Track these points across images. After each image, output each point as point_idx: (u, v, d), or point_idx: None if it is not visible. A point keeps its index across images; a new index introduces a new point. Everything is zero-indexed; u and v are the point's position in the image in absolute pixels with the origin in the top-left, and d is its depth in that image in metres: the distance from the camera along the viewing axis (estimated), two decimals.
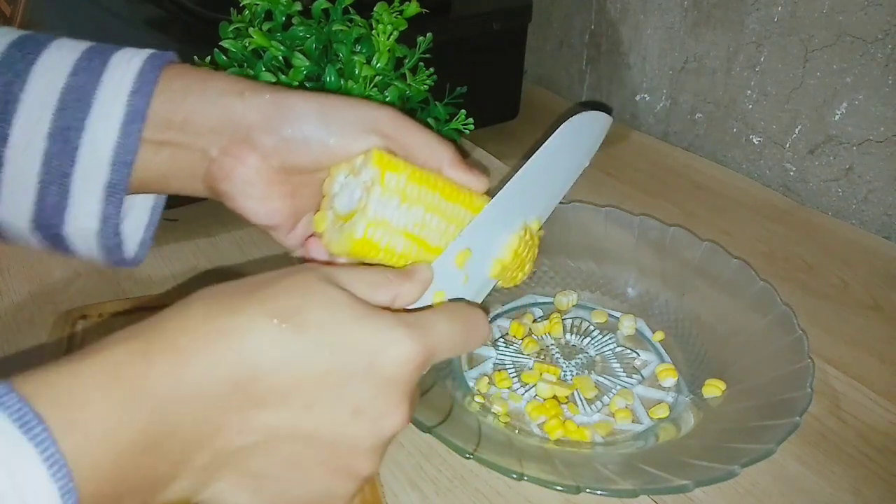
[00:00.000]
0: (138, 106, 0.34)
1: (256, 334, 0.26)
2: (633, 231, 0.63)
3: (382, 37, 0.50)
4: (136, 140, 0.34)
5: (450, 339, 0.31)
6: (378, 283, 0.31)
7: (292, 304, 0.27)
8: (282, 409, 0.27)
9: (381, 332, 0.28)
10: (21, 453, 0.21)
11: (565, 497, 0.44)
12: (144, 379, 0.25)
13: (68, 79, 0.34)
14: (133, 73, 0.35)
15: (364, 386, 0.28)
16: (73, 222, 0.36)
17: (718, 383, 0.51)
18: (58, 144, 0.34)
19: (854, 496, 0.45)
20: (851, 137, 0.74)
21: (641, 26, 0.93)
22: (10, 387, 0.23)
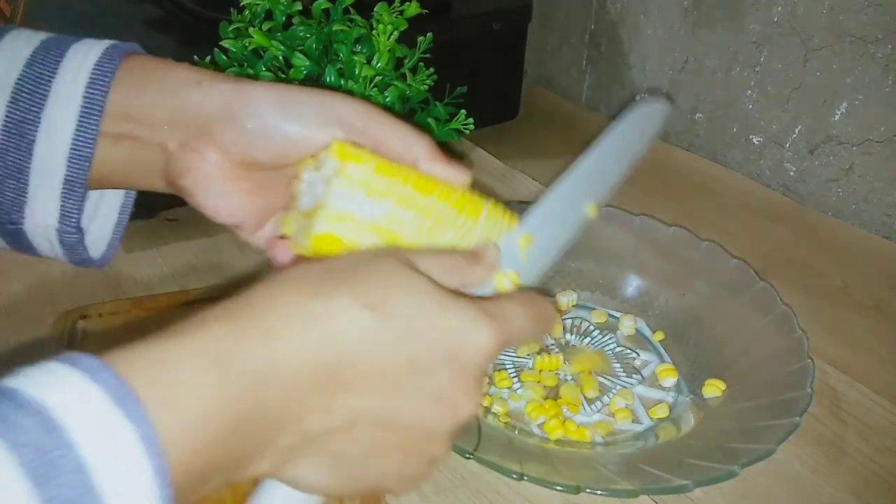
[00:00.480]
0: (95, 98, 0.33)
1: (346, 320, 0.27)
2: (633, 231, 0.62)
3: (382, 37, 0.50)
4: (94, 134, 0.33)
5: (522, 328, 0.31)
6: (451, 266, 0.32)
7: (379, 290, 0.28)
8: (367, 394, 0.27)
9: (464, 321, 0.29)
10: (117, 431, 0.21)
11: (565, 497, 0.44)
12: (239, 359, 0.25)
13: (23, 69, 0.33)
14: (90, 65, 0.33)
15: (445, 372, 0.28)
16: (32, 219, 0.35)
17: (718, 383, 0.51)
18: (13, 138, 0.33)
19: (854, 496, 0.45)
20: (851, 137, 0.74)
21: (641, 26, 0.93)
22: (106, 363, 0.22)
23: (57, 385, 0.22)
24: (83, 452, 0.20)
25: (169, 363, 0.24)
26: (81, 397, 0.21)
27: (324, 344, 0.26)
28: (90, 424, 0.21)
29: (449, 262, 0.32)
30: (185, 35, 0.71)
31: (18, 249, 0.37)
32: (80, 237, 0.36)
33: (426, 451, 0.30)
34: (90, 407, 0.21)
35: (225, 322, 0.26)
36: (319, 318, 0.27)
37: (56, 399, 0.21)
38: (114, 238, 0.39)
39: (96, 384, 0.22)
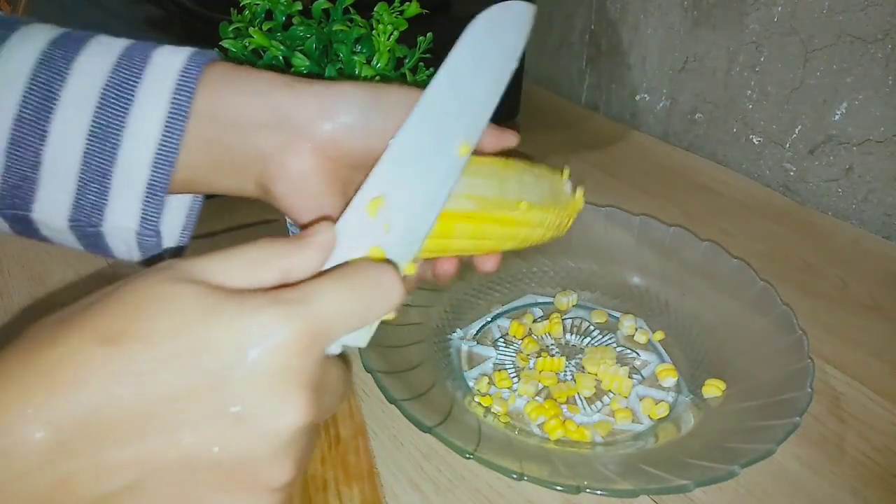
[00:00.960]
0: (181, 104, 0.33)
1: (82, 365, 0.22)
2: (633, 231, 0.63)
3: (383, 37, 0.50)
4: (179, 139, 0.33)
5: (343, 304, 0.26)
6: (257, 260, 0.26)
7: (125, 319, 0.23)
8: (141, 440, 0.23)
9: (241, 320, 0.24)
10: None
11: (565, 497, 0.44)
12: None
13: (109, 76, 0.33)
14: (175, 71, 0.34)
15: (235, 388, 0.23)
16: (112, 221, 0.35)
17: (718, 383, 0.51)
18: (98, 143, 0.33)
19: (854, 496, 0.45)
20: (851, 137, 0.74)
21: (641, 26, 0.93)
22: None
23: None
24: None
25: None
26: None
27: (60, 401, 0.22)
28: None
29: (253, 255, 0.26)
30: (185, 35, 0.71)
31: (93, 251, 0.37)
32: (159, 240, 0.36)
33: (255, 481, 0.24)
34: None
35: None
36: (47, 372, 0.22)
37: None
38: (183, 238, 0.38)
39: None
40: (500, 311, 0.60)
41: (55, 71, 0.33)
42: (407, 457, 0.46)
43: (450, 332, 0.57)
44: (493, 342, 0.57)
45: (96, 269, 0.62)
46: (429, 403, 0.46)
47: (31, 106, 0.33)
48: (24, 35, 0.34)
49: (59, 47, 0.34)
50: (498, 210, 0.37)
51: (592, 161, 0.85)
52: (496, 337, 0.58)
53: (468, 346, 0.56)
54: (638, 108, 0.97)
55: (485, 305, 0.60)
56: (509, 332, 0.58)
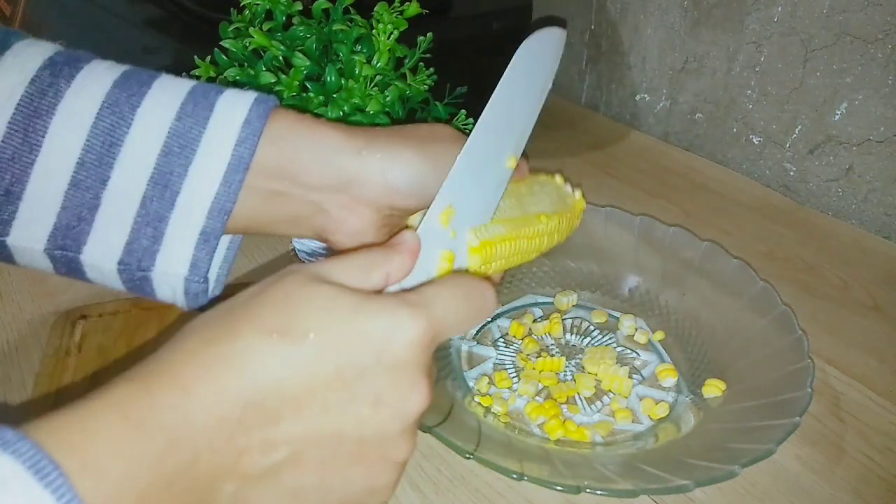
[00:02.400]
0: (243, 156, 0.34)
1: (255, 354, 0.26)
2: (633, 231, 0.63)
3: (383, 37, 0.50)
4: (237, 189, 0.34)
5: (455, 312, 0.30)
6: (367, 265, 0.31)
7: (285, 313, 0.27)
8: (300, 418, 0.27)
9: (382, 317, 0.28)
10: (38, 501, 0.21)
11: (565, 497, 0.44)
12: (151, 413, 0.24)
13: (173, 123, 0.34)
14: (239, 122, 0.34)
15: (377, 375, 0.27)
16: (163, 266, 0.35)
17: (718, 383, 0.51)
18: (158, 189, 0.34)
19: (854, 496, 0.45)
20: (851, 137, 0.74)
21: (641, 26, 0.93)
22: (21, 434, 0.22)
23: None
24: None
25: (84, 428, 0.23)
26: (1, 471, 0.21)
27: (238, 383, 0.26)
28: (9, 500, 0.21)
29: (362, 261, 0.31)
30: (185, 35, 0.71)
31: (137, 292, 0.37)
32: (206, 286, 0.37)
33: (386, 456, 0.29)
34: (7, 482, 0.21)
35: (133, 382, 0.25)
36: (226, 358, 0.26)
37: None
38: (220, 275, 0.39)
39: (12, 457, 0.21)
40: (500, 311, 0.60)
41: (119, 116, 0.34)
42: None
43: None
44: (493, 342, 0.57)
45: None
46: None
47: (94, 151, 0.34)
48: (89, 75, 0.35)
49: (124, 90, 0.34)
50: (525, 227, 0.40)
51: (592, 161, 0.85)
52: (496, 337, 0.58)
53: (468, 346, 0.56)
54: (638, 108, 0.97)
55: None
56: (509, 332, 0.58)
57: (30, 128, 0.33)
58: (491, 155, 0.38)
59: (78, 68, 0.35)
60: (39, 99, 0.34)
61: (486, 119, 0.37)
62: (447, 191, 0.35)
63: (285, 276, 0.29)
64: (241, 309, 0.27)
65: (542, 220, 0.40)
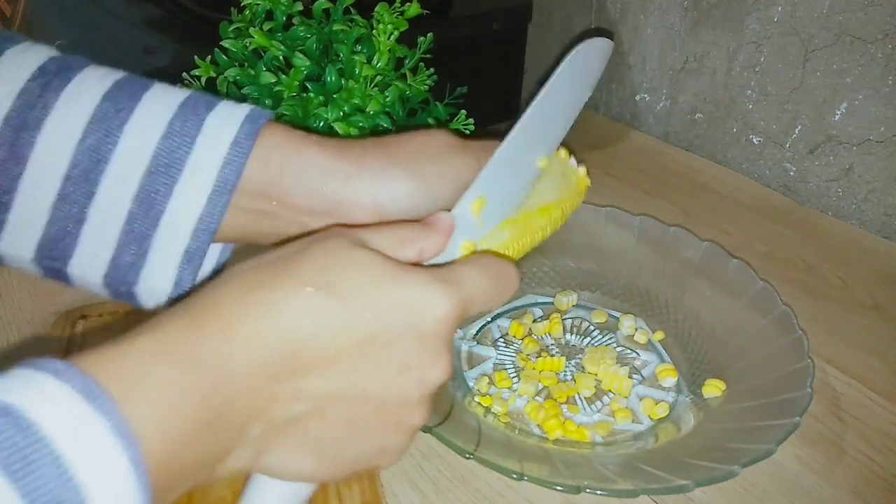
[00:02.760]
0: (229, 178, 0.34)
1: (295, 305, 0.27)
2: (633, 231, 0.63)
3: (383, 37, 0.50)
4: (222, 211, 0.34)
5: (483, 291, 0.32)
6: (404, 238, 0.32)
7: (327, 271, 0.28)
8: (330, 373, 0.28)
9: (418, 290, 0.29)
10: (89, 423, 0.22)
11: (565, 497, 0.44)
12: (197, 353, 0.25)
13: (160, 142, 0.34)
14: (227, 142, 0.34)
15: (406, 343, 0.29)
16: (147, 282, 0.36)
17: (718, 383, 0.51)
18: (143, 207, 0.34)
19: (854, 496, 0.45)
20: (851, 137, 0.74)
21: (641, 26, 0.93)
22: (70, 363, 0.23)
23: (25, 386, 0.22)
24: (57, 446, 0.21)
25: (131, 359, 0.24)
26: (50, 396, 0.22)
27: (276, 332, 0.27)
28: (61, 420, 0.21)
29: (401, 234, 0.32)
30: (185, 35, 0.71)
31: (123, 302, 0.37)
32: None
33: (402, 420, 0.30)
34: (60, 404, 0.22)
35: (180, 319, 0.26)
36: (268, 306, 0.27)
37: (25, 399, 0.22)
38: None
39: (63, 382, 0.22)
40: (499, 311, 0.60)
41: (106, 132, 0.34)
42: (407, 457, 0.46)
43: None
44: (493, 342, 0.57)
45: None
46: None
47: (80, 166, 0.34)
48: (79, 85, 0.34)
49: (113, 103, 0.34)
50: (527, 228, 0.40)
51: (592, 161, 0.85)
52: (496, 337, 0.58)
53: (468, 346, 0.56)
54: (638, 108, 0.97)
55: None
56: (509, 332, 0.58)
57: (17, 141, 0.33)
58: (526, 154, 0.39)
59: (68, 78, 0.34)
60: (28, 112, 0.33)
61: (528, 118, 0.37)
62: (482, 181, 0.36)
63: (329, 237, 0.30)
64: (285, 261, 0.28)
65: (545, 214, 0.41)
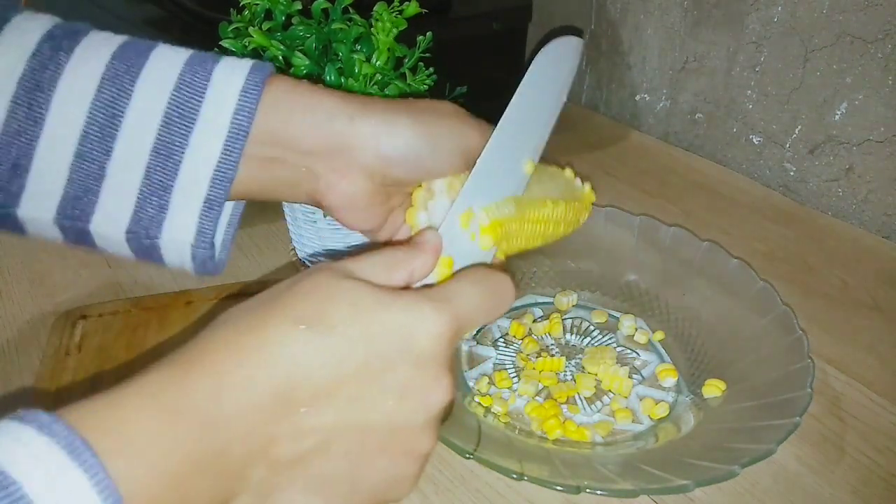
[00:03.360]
0: (241, 124, 0.35)
1: (286, 343, 0.27)
2: (633, 231, 0.62)
3: (382, 36, 0.50)
4: (238, 157, 0.35)
5: (477, 305, 0.31)
6: (391, 263, 0.32)
7: (314, 305, 0.28)
8: (329, 408, 0.27)
9: (407, 313, 0.29)
10: (71, 480, 0.21)
11: (565, 497, 0.44)
12: (185, 400, 0.25)
13: (172, 94, 0.35)
14: (236, 90, 0.35)
15: (403, 367, 0.28)
16: (169, 234, 0.36)
17: (718, 383, 0.51)
18: (160, 159, 0.35)
19: (854, 496, 0.45)
20: (851, 137, 0.74)
21: (641, 26, 0.93)
22: (55, 416, 0.23)
23: (9, 442, 0.22)
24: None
25: (118, 412, 0.24)
26: (33, 451, 0.22)
27: (267, 372, 0.26)
28: (43, 477, 0.21)
29: (388, 259, 0.32)
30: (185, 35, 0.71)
31: (147, 259, 0.38)
32: (212, 252, 0.38)
33: (410, 447, 0.29)
34: (42, 461, 0.21)
35: (167, 368, 0.26)
36: (257, 348, 0.27)
37: (8, 455, 0.21)
38: (226, 239, 0.40)
39: (48, 437, 0.22)
40: None
41: (120, 88, 0.35)
42: None
43: None
44: (493, 342, 0.57)
45: (97, 270, 0.62)
46: None
47: (97, 123, 0.34)
48: (88, 47, 0.35)
49: (123, 61, 0.35)
50: (533, 209, 0.40)
51: (592, 161, 0.85)
52: (496, 337, 0.58)
53: (468, 346, 0.56)
54: (638, 108, 0.97)
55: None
56: (509, 332, 0.58)
57: (33, 102, 0.34)
58: (509, 159, 0.39)
59: (77, 41, 0.35)
60: (41, 73, 0.34)
61: (505, 123, 0.38)
62: (467, 193, 0.36)
63: (314, 271, 0.30)
64: (272, 301, 0.28)
65: (549, 204, 0.41)
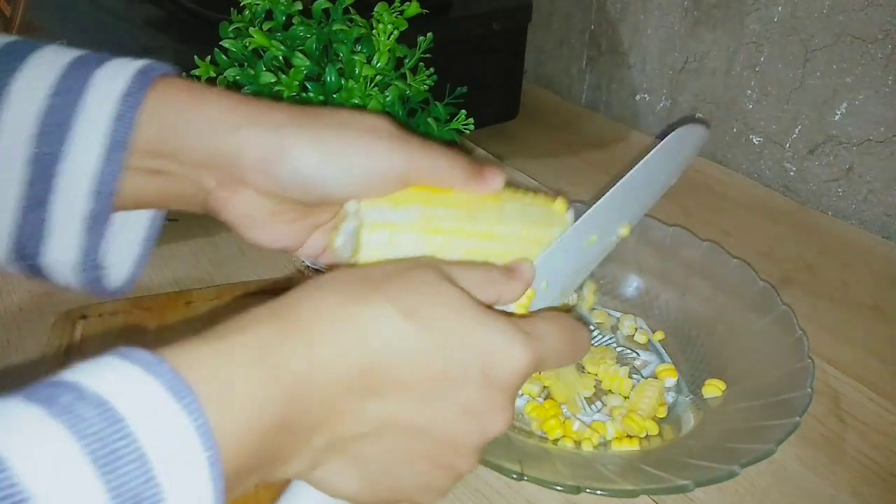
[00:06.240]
0: (121, 134, 0.32)
1: (384, 327, 0.27)
2: (633, 231, 0.62)
3: (383, 36, 0.50)
4: (118, 169, 0.32)
5: (557, 351, 0.32)
6: (486, 280, 0.32)
7: (417, 299, 0.28)
8: (399, 401, 0.28)
9: (499, 337, 0.29)
10: (174, 423, 0.22)
11: (565, 497, 0.44)
12: (284, 360, 0.26)
13: (48, 100, 0.32)
14: (116, 96, 0.32)
15: (477, 387, 0.29)
16: (52, 253, 0.34)
17: (718, 383, 0.51)
18: (37, 171, 0.32)
19: (854, 496, 0.45)
20: (851, 137, 0.74)
21: (641, 26, 0.93)
22: (161, 357, 0.23)
23: (116, 379, 0.22)
24: (143, 442, 0.21)
25: (221, 361, 0.25)
26: (140, 390, 0.22)
27: (360, 349, 0.27)
28: (149, 416, 0.22)
29: (485, 276, 0.32)
30: (185, 35, 0.71)
31: (37, 279, 0.36)
32: (100, 273, 0.35)
33: (452, 463, 0.30)
34: (148, 399, 0.22)
35: (270, 324, 0.26)
36: (357, 323, 0.27)
37: (116, 392, 0.22)
38: (135, 271, 0.37)
39: (153, 377, 0.22)
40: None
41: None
42: None
43: None
44: None
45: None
46: None
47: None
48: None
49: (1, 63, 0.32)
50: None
51: (592, 161, 0.85)
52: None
53: None
54: (638, 108, 0.97)
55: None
56: None
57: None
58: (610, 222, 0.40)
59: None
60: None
61: (621, 188, 0.39)
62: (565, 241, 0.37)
63: (421, 266, 0.30)
64: (377, 282, 0.29)
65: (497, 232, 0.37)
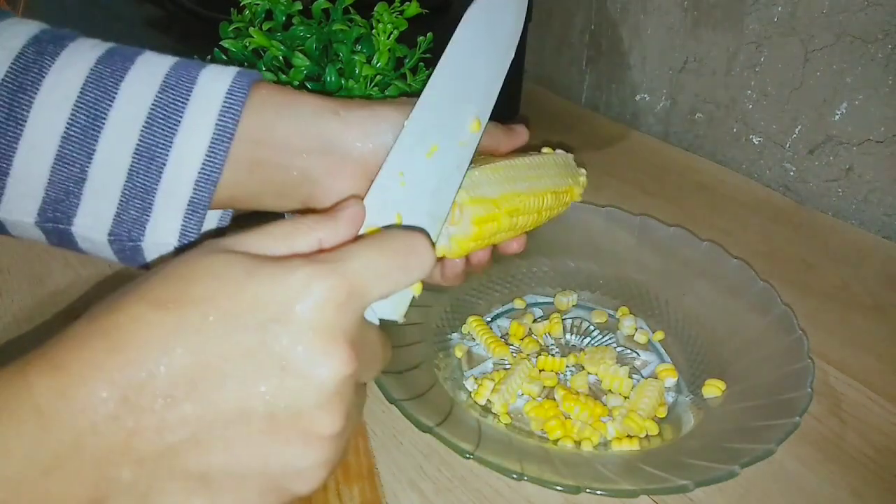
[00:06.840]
0: (226, 125, 0.34)
1: (138, 328, 0.24)
2: (633, 231, 0.63)
3: (382, 36, 0.50)
4: (223, 159, 0.35)
5: (378, 266, 0.28)
6: (290, 231, 0.29)
7: (174, 285, 0.25)
8: (195, 395, 0.24)
9: (283, 279, 0.25)
10: None
11: (565, 497, 0.44)
12: (24, 397, 0.23)
13: (156, 96, 0.34)
14: (221, 92, 0.35)
15: (280, 340, 0.25)
16: (152, 237, 0.36)
17: (718, 383, 0.51)
18: (143, 161, 0.34)
19: (854, 496, 0.45)
20: (851, 137, 0.74)
21: (641, 26, 0.93)
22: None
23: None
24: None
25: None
26: None
27: (117, 359, 0.24)
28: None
29: (285, 228, 0.29)
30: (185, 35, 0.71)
31: (130, 262, 0.37)
32: None
33: (305, 430, 0.26)
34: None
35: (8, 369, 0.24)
36: (104, 334, 0.24)
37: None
38: None
39: None
40: (499, 310, 0.60)
41: (103, 90, 0.34)
42: (407, 457, 0.46)
43: (450, 332, 0.57)
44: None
45: (97, 270, 0.62)
46: (429, 403, 0.46)
47: (78, 125, 0.34)
48: (74, 51, 0.35)
49: (108, 65, 0.35)
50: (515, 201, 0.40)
51: (592, 161, 0.85)
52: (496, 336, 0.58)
53: (468, 345, 0.56)
54: (638, 108, 0.97)
55: (485, 305, 0.60)
56: (509, 332, 0.58)
57: (14, 103, 0.34)
58: (447, 118, 0.37)
59: (63, 45, 0.35)
60: (24, 74, 0.34)
61: (436, 81, 0.37)
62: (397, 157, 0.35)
63: (192, 251, 0.27)
64: (132, 285, 0.26)
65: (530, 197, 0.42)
